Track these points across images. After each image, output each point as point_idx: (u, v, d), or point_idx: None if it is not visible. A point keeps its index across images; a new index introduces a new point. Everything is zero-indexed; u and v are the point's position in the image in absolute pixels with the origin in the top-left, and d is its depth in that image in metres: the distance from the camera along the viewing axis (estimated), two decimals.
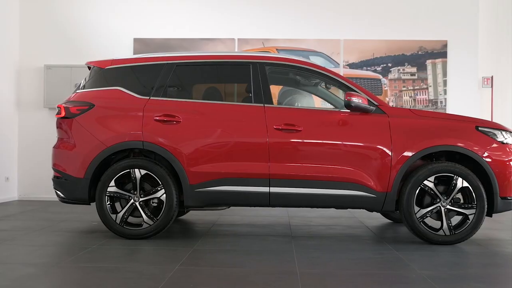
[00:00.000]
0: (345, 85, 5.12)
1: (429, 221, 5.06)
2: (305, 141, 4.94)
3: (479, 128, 4.99)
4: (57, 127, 5.29)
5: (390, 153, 4.88)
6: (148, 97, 5.13)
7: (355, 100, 4.85)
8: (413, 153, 4.87)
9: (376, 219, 6.59)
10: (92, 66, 5.43)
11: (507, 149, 4.97)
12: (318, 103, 7.09)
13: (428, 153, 4.90)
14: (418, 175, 4.87)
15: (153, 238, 5.02)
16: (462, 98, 8.14)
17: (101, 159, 5.01)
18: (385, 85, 8.13)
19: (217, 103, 5.24)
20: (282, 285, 3.47)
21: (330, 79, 5.21)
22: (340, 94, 5.49)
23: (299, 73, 5.44)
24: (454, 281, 3.64)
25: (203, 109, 5.10)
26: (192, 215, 6.70)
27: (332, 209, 7.08)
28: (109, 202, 5.03)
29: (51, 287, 3.42)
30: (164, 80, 5.19)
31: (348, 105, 4.89)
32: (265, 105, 5.03)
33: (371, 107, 4.96)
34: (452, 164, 4.90)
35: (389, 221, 6.42)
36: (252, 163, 4.93)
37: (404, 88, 8.14)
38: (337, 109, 5.24)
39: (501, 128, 5.08)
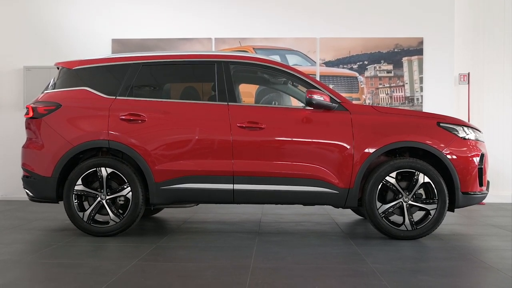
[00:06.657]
0: (307, 83, 5.19)
1: (392, 216, 5.12)
2: (268, 138, 5.00)
3: (441, 124, 5.04)
4: (26, 128, 5.37)
5: (352, 150, 4.94)
6: (114, 97, 5.20)
7: (316, 97, 4.92)
8: (375, 150, 4.93)
9: (348, 215, 6.65)
10: (60, 67, 5.50)
11: (469, 144, 5.03)
12: (295, 101, 7.13)
13: (389, 149, 4.97)
14: (380, 171, 4.94)
15: (121, 235, 5.10)
16: (438, 95, 8.20)
17: (68, 158, 5.09)
18: (361, 83, 8.18)
19: (182, 102, 5.28)
20: (230, 278, 3.54)
21: (293, 77, 5.28)
22: None
23: (264, 71, 5.48)
24: (402, 274, 3.71)
25: (168, 108, 5.17)
26: (167, 213, 6.77)
27: (306, 206, 7.15)
28: (76, 200, 5.10)
29: (2, 282, 3.48)
30: (130, 80, 5.26)
31: (309, 102, 4.96)
32: (229, 103, 5.10)
33: (333, 104, 5.03)
34: (414, 160, 4.96)
35: (360, 217, 6.48)
36: (216, 160, 5.00)
37: (381, 86, 8.20)
38: (301, 107, 5.29)
39: (463, 124, 5.14)
